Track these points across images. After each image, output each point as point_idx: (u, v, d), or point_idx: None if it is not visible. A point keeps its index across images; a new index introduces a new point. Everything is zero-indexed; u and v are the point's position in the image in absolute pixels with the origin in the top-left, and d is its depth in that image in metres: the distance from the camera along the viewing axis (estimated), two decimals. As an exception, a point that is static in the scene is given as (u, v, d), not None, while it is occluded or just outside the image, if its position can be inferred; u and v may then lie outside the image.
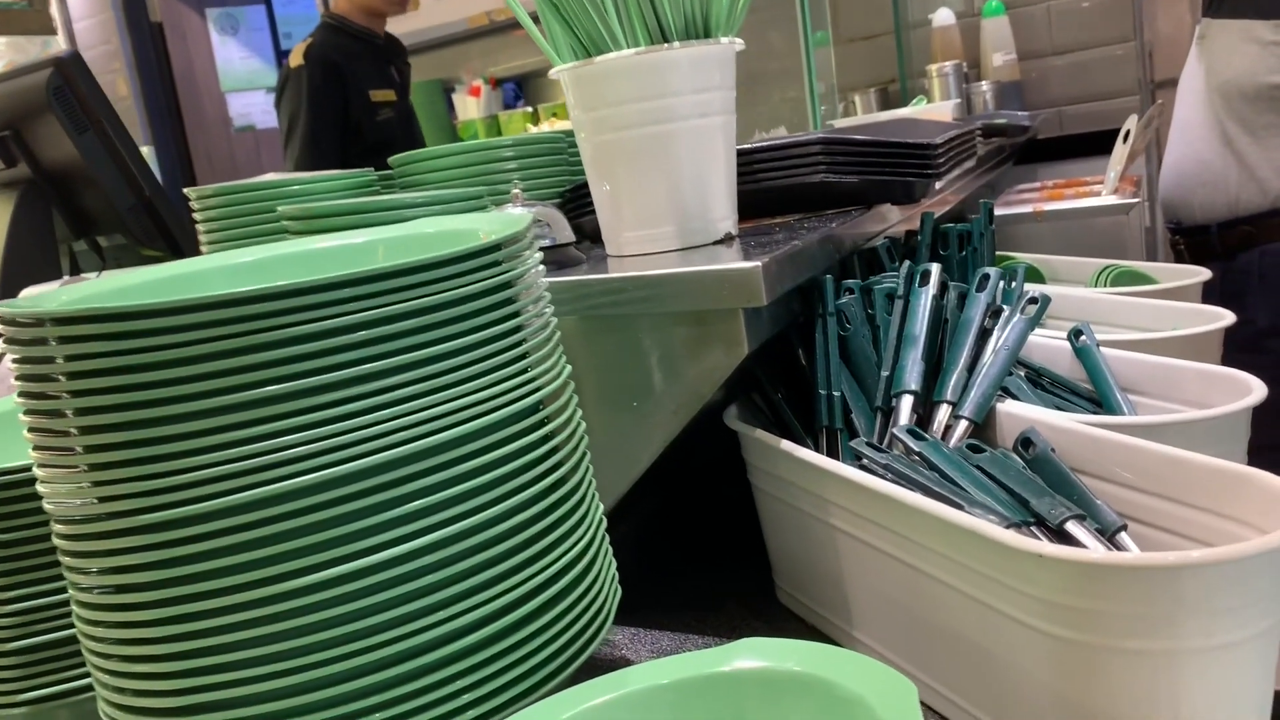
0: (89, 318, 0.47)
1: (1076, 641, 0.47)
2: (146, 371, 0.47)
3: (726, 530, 0.86)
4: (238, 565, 0.47)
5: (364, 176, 0.99)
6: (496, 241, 0.56)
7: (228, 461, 0.47)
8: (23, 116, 1.46)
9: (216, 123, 5.27)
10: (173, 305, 0.47)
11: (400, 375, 0.51)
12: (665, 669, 0.53)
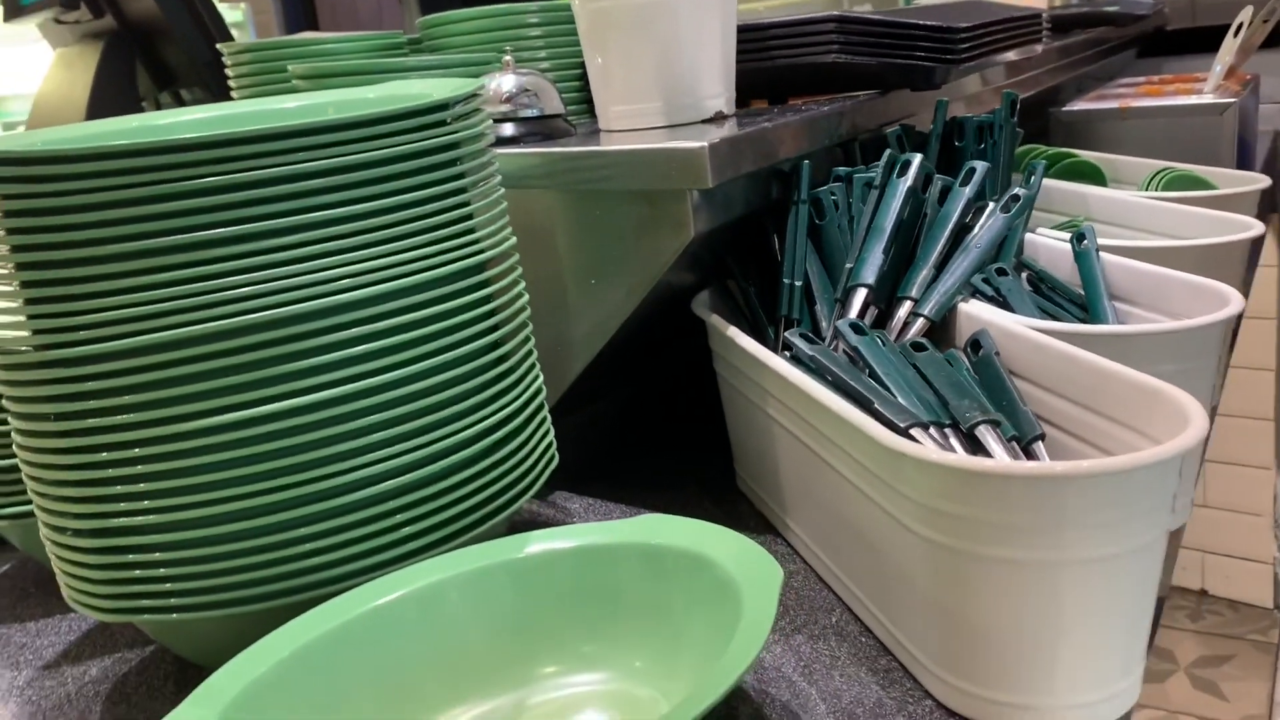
0: (12, 160, 0.49)
1: (948, 547, 0.46)
2: (73, 213, 0.49)
3: (703, 419, 0.86)
4: (168, 399, 0.50)
5: (393, 38, 0.99)
6: (441, 101, 0.57)
7: (165, 300, 0.49)
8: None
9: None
10: (106, 150, 0.49)
11: (343, 225, 0.52)
12: (569, 534, 0.55)
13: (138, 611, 0.52)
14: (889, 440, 0.47)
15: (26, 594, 0.71)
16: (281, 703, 0.45)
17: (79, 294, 0.50)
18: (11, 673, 0.61)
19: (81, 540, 0.52)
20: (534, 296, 0.66)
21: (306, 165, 0.51)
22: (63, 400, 0.51)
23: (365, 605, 0.49)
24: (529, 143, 0.73)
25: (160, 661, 0.60)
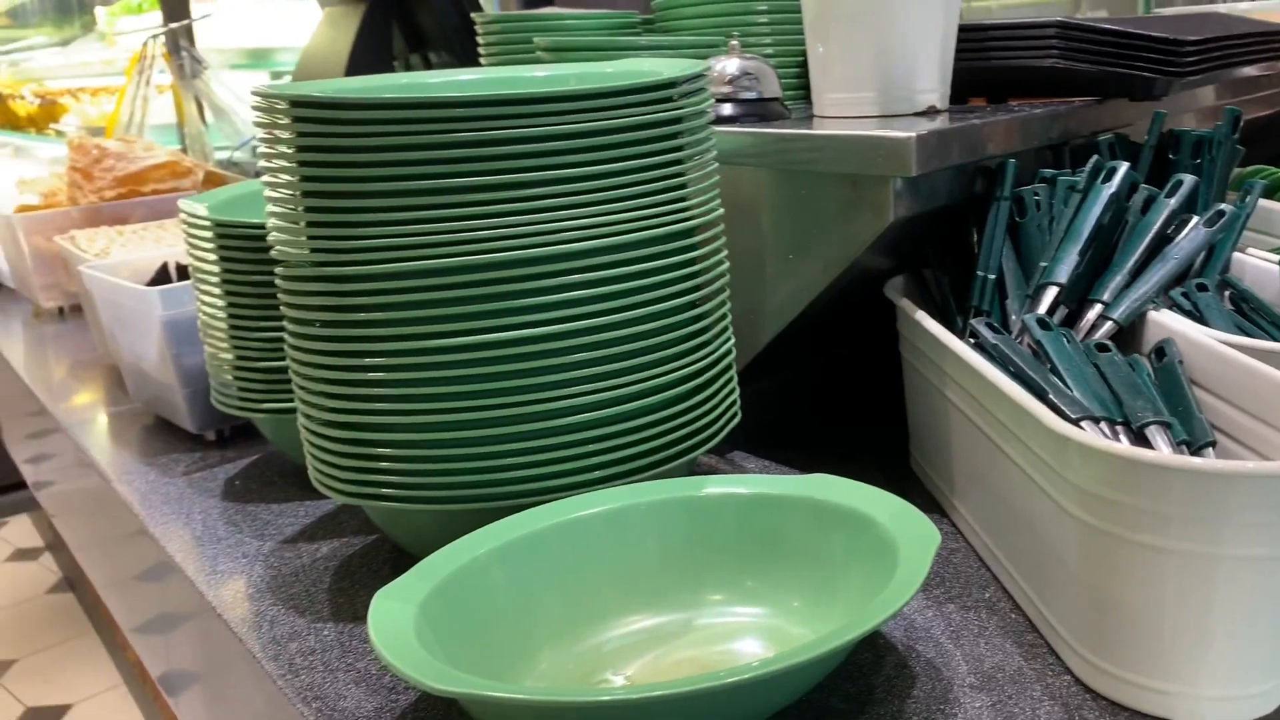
0: (310, 103, 0.58)
1: (1105, 532, 0.49)
2: (353, 153, 0.58)
3: (882, 400, 0.89)
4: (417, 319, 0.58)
5: (628, 17, 1.06)
6: (669, 80, 0.63)
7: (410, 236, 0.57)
8: (379, -64, 1.64)
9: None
10: (389, 101, 0.57)
11: (574, 184, 0.59)
12: (744, 481, 0.60)
13: (370, 497, 0.61)
14: (1057, 425, 0.50)
15: (271, 482, 0.82)
16: (483, 587, 0.52)
17: (353, 221, 0.58)
18: (258, 542, 0.72)
19: (333, 431, 0.62)
20: (734, 265, 0.71)
21: (549, 128, 0.58)
22: (331, 310, 0.60)
23: (561, 517, 0.55)
24: (745, 123, 0.78)
25: (379, 549, 0.70)
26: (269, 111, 0.60)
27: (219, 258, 0.77)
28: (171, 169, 1.58)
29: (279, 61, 2.13)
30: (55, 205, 1.51)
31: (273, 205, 0.63)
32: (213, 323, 0.80)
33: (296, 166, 0.60)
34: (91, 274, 0.96)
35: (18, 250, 1.46)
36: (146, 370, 0.92)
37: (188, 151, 1.77)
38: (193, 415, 0.89)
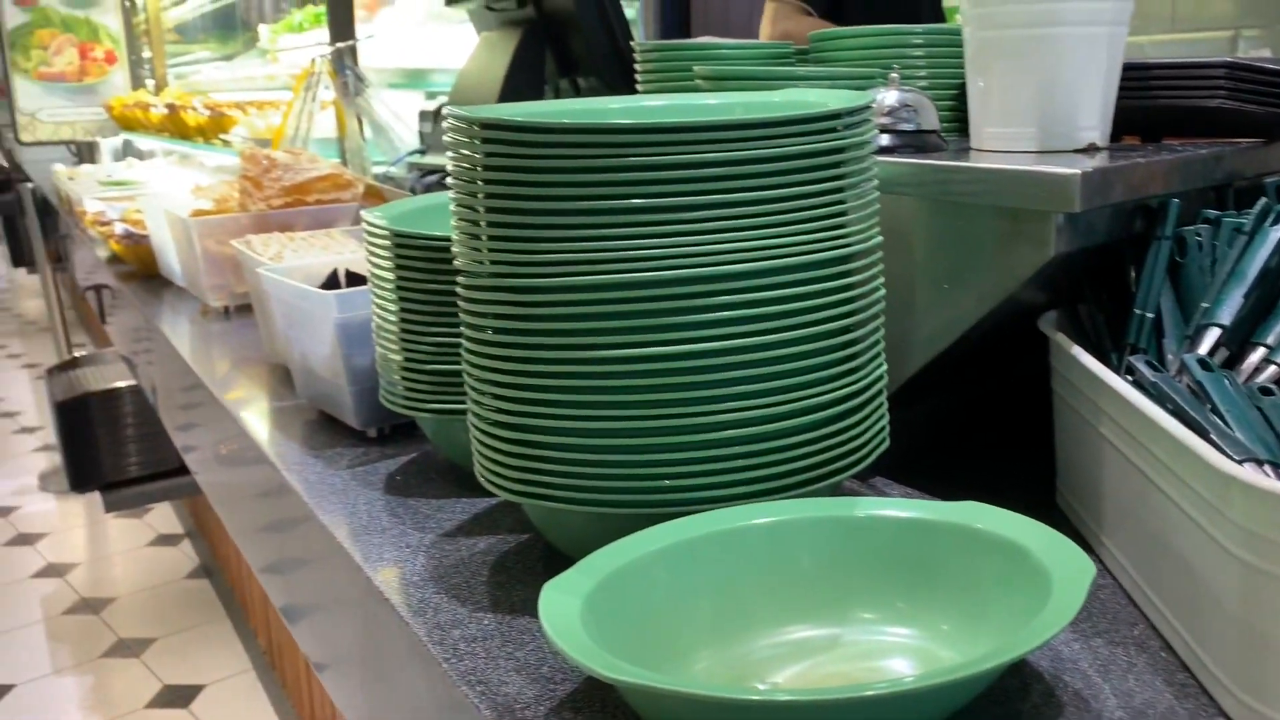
0: (499, 125, 0.62)
1: (1268, 573, 0.49)
2: (532, 173, 0.62)
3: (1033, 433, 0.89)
4: (587, 330, 0.61)
5: (781, 48, 1.09)
6: (836, 111, 0.65)
7: (585, 252, 0.61)
8: (537, -36, 1.71)
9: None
10: (557, 124, 0.61)
11: (739, 208, 0.62)
12: (898, 504, 0.62)
13: (533, 496, 0.64)
14: (1221, 464, 0.50)
15: (429, 478, 0.87)
16: (642, 587, 0.55)
17: (533, 236, 0.62)
18: (419, 534, 0.76)
19: (501, 431, 0.65)
20: (887, 291, 0.72)
21: (719, 154, 0.61)
22: (508, 319, 0.64)
23: (720, 526, 0.58)
24: (903, 153, 0.80)
25: (533, 547, 0.73)
26: (461, 131, 0.65)
27: (395, 266, 0.82)
28: (333, 181, 1.67)
29: (434, 82, 2.22)
30: (226, 211, 1.61)
31: (457, 218, 0.67)
32: (385, 326, 0.85)
33: (482, 183, 0.64)
34: (270, 276, 1.03)
35: (191, 252, 1.57)
36: (316, 369, 0.99)
37: (347, 164, 1.87)
38: (358, 412, 0.94)
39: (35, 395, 5.10)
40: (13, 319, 6.86)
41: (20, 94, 3.87)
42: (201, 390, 1.26)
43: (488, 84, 1.72)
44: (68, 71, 3.88)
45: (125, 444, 2.73)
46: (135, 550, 3.41)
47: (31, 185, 3.74)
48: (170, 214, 1.61)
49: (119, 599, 3.08)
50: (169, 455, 2.71)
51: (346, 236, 1.34)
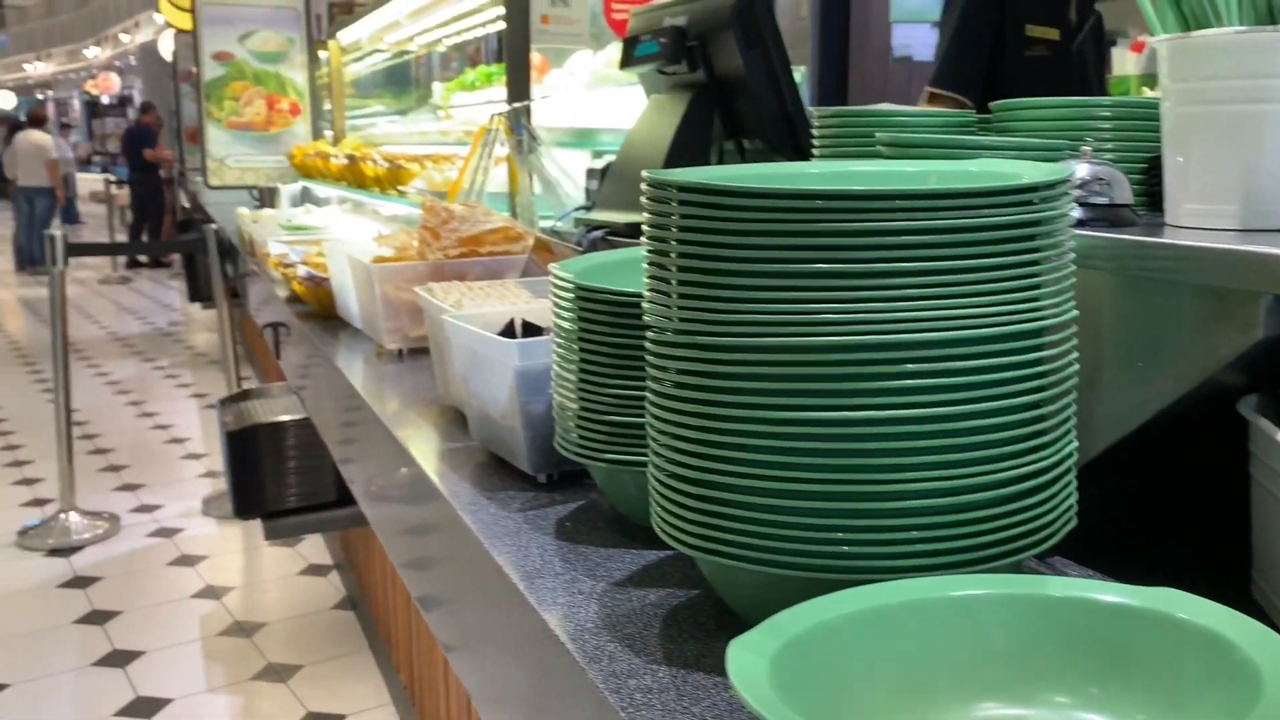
0: (697, 189, 0.64)
1: None
2: (728, 235, 0.63)
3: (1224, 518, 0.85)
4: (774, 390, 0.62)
5: (963, 116, 1.09)
6: (1030, 184, 0.65)
7: (777, 314, 0.62)
8: (709, 30, 1.75)
9: (878, 51, 5.55)
10: (754, 189, 0.63)
11: (930, 277, 0.62)
12: (1096, 587, 0.60)
13: (712, 552, 0.65)
14: None
15: (597, 526, 0.89)
16: (829, 651, 0.55)
17: (725, 297, 0.64)
18: (591, 581, 0.78)
19: (683, 485, 0.67)
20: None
21: (914, 223, 0.62)
22: (694, 374, 0.65)
23: (907, 596, 0.57)
24: (1096, 227, 0.79)
25: (703, 603, 0.74)
26: (658, 193, 0.67)
27: (578, 318, 0.85)
28: (505, 233, 1.73)
29: (601, 142, 2.29)
30: (406, 259, 1.70)
31: (650, 275, 0.69)
32: (564, 376, 0.88)
33: (676, 243, 0.66)
34: (453, 323, 1.08)
35: (371, 296, 1.65)
36: (492, 413, 1.02)
37: (518, 218, 1.94)
38: (530, 457, 0.97)
39: (202, 423, 5.40)
40: (185, 350, 7.31)
41: (211, 140, 4.15)
42: (376, 427, 1.32)
43: (657, 144, 1.76)
44: (255, 121, 4.15)
45: (287, 475, 2.86)
46: (287, 578, 3.55)
47: (215, 226, 4.00)
48: (354, 260, 1.70)
49: (270, 624, 3.21)
50: (326, 488, 2.83)
51: (520, 288, 1.39)
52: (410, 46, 4.52)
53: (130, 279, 11.00)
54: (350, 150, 3.17)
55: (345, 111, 4.44)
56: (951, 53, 2.52)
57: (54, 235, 3.83)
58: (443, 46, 4.69)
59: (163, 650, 3.06)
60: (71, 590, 3.45)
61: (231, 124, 4.12)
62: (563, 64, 2.69)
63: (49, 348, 7.26)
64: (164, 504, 4.21)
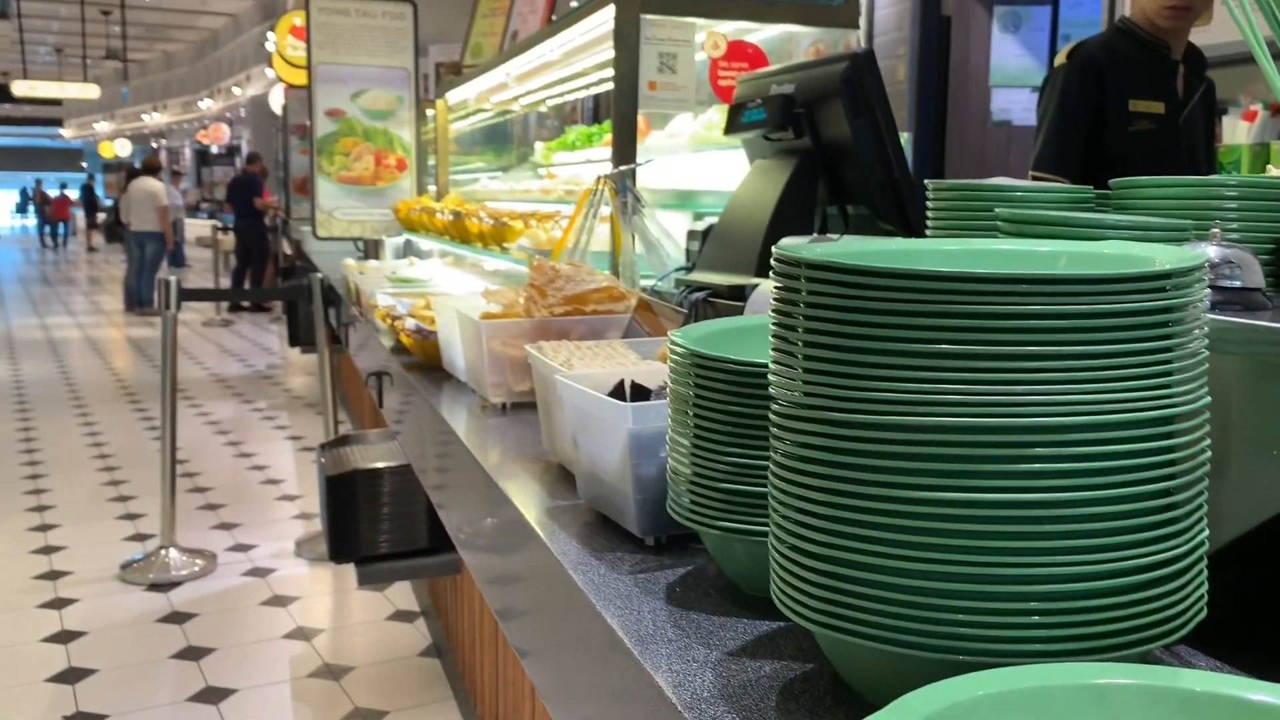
0: (827, 267, 0.66)
1: None
2: (857, 313, 0.64)
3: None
4: (899, 469, 0.63)
5: (1081, 193, 1.08)
6: (1164, 271, 0.64)
7: (904, 393, 0.63)
8: (816, 98, 1.77)
9: (976, 115, 5.52)
10: (883, 269, 0.64)
11: (1058, 361, 0.62)
12: (1232, 683, 0.58)
13: (834, 628, 0.65)
14: None
15: (707, 593, 0.89)
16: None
17: (850, 373, 0.64)
18: (705, 650, 0.78)
19: (803, 558, 0.67)
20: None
21: (1044, 307, 0.62)
22: (819, 449, 0.66)
23: (1040, 681, 0.56)
24: (1227, 311, 0.78)
25: (819, 677, 0.74)
26: (786, 268, 0.69)
27: (694, 386, 0.87)
28: (609, 293, 1.76)
29: (703, 204, 2.32)
30: (513, 315, 1.74)
31: (775, 347, 0.70)
32: (678, 441, 0.89)
33: (803, 318, 0.68)
34: (566, 383, 1.11)
35: (478, 350, 1.69)
36: (602, 474, 1.04)
37: (620, 277, 1.97)
38: (640, 520, 0.98)
39: (297, 466, 5.54)
40: (282, 393, 7.52)
41: (321, 193, 4.31)
42: (481, 479, 1.35)
43: (761, 208, 1.78)
44: (363, 176, 4.30)
45: (381, 521, 2.91)
46: (375, 623, 3.60)
47: (320, 275, 4.14)
48: (462, 315, 1.75)
49: (357, 668, 3.25)
50: (419, 535, 2.88)
51: (627, 348, 1.41)
52: (513, 106, 4.65)
53: (232, 321, 11.40)
54: (455, 206, 3.26)
55: (449, 168, 4.57)
56: (1052, 135, 2.50)
57: (168, 281, 4.00)
58: (544, 107, 4.82)
59: (254, 689, 3.13)
60: (169, 625, 3.55)
61: (341, 178, 4.27)
62: (664, 126, 2.74)
63: (154, 386, 7.57)
64: (259, 544, 4.32)
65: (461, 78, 4.18)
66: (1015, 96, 5.57)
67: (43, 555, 4.17)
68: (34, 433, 6.25)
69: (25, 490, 5.05)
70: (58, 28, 17.41)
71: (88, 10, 15.08)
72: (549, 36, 2.85)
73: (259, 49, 14.30)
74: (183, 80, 20.27)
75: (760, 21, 2.41)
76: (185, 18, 17.02)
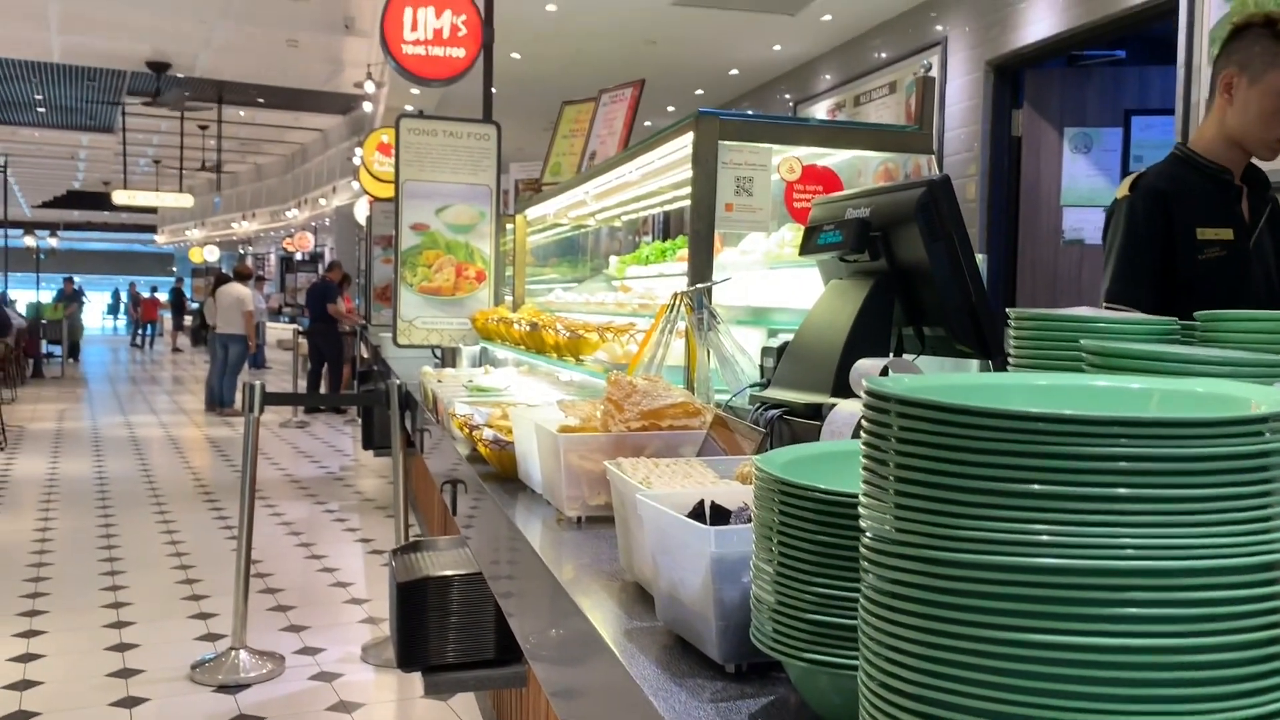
0: (918, 403, 0.67)
1: None
2: (948, 450, 0.65)
3: None
4: (995, 609, 0.63)
5: (1166, 325, 1.08)
6: (1261, 415, 0.64)
7: (997, 532, 0.63)
8: (893, 221, 1.80)
9: (1048, 233, 5.53)
10: (971, 409, 0.64)
11: (1148, 504, 0.62)
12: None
13: (927, 771, 0.64)
14: None
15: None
16: None
17: (942, 510, 0.65)
18: (789, 783, 0.77)
19: (896, 696, 0.67)
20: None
21: (1139, 449, 0.62)
22: (912, 585, 0.66)
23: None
24: (1324, 452, 0.77)
25: (908, 819, 0.72)
26: (877, 403, 0.70)
27: (779, 513, 0.87)
28: (684, 408, 1.78)
29: (776, 321, 2.35)
30: (590, 429, 1.76)
31: (866, 480, 0.71)
32: (762, 568, 0.89)
33: (895, 454, 0.68)
34: (647, 503, 1.12)
35: (555, 463, 1.71)
36: (682, 596, 1.04)
37: (694, 392, 1.99)
38: (721, 646, 0.98)
39: (365, 569, 5.58)
40: (354, 495, 7.62)
41: (403, 303, 4.44)
42: (556, 593, 1.35)
43: (837, 328, 1.80)
44: (444, 287, 4.42)
45: (449, 630, 2.91)
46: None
47: (398, 382, 4.23)
48: (540, 428, 1.78)
49: (419, 779, 3.21)
50: (487, 646, 2.87)
51: (706, 467, 1.42)
52: (588, 221, 4.78)
53: (307, 423, 11.64)
54: (532, 318, 3.33)
55: (525, 279, 4.69)
56: (1123, 267, 2.48)
57: (252, 385, 4.12)
58: (618, 222, 4.94)
59: (315, 798, 3.10)
60: (235, 728, 3.55)
61: (423, 289, 4.40)
62: (737, 244, 2.79)
63: (230, 485, 7.73)
64: (326, 647, 4.33)
65: (541, 195, 4.32)
66: (1087, 216, 5.57)
67: (116, 652, 4.23)
68: (114, 529, 6.39)
69: (103, 586, 5.15)
70: (157, 140, 18.40)
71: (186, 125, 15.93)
72: (629, 160, 2.94)
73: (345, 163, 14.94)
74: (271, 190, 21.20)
75: (835, 147, 2.47)
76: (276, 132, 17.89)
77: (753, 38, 8.33)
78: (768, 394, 1.88)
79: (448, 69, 6.00)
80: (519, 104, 9.90)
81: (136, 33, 10.61)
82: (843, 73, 8.30)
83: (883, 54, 7.64)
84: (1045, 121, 5.65)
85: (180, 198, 17.66)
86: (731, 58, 9.07)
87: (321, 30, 10.07)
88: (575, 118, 4.54)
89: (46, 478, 8.09)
